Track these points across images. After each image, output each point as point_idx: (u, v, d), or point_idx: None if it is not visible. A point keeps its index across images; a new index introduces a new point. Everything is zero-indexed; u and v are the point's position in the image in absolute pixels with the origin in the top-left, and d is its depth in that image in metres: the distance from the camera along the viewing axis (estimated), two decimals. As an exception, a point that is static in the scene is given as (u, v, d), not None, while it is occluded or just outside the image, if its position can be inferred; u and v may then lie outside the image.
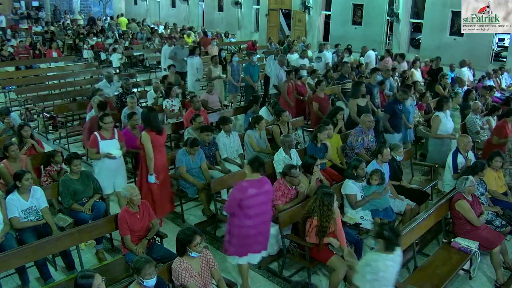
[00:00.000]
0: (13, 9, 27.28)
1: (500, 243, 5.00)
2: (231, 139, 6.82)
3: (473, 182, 5.15)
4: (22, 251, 4.28)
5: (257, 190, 4.38)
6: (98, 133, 5.86)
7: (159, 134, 5.65)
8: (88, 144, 5.87)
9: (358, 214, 5.44)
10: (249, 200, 4.30)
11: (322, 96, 8.76)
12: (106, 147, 5.83)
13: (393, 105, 7.65)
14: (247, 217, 4.34)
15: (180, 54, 11.82)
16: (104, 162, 5.84)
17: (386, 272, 3.64)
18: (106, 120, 5.88)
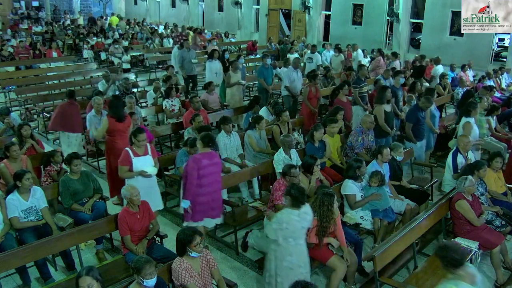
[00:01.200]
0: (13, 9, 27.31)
1: (500, 243, 5.00)
2: (231, 139, 6.82)
3: (473, 182, 5.15)
4: (22, 251, 4.28)
5: (209, 161, 5.13)
6: (131, 149, 5.33)
7: (119, 121, 6.24)
8: (119, 162, 5.31)
9: (358, 214, 5.44)
10: (203, 170, 5.04)
11: (344, 100, 8.34)
12: (140, 164, 5.32)
13: (415, 113, 7.34)
14: (201, 186, 5.07)
15: (187, 56, 11.60)
16: (138, 180, 5.24)
17: (290, 224, 4.16)
18: (140, 137, 5.33)
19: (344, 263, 4.48)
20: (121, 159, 5.33)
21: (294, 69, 9.78)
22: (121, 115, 6.28)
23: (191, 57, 11.69)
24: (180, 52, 11.76)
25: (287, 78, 9.73)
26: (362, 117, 7.11)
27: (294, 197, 4.18)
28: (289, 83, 9.64)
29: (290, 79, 9.66)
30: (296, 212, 4.17)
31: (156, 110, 9.11)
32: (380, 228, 5.39)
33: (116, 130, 6.23)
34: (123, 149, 5.75)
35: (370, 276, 4.93)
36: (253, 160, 6.90)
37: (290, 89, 9.67)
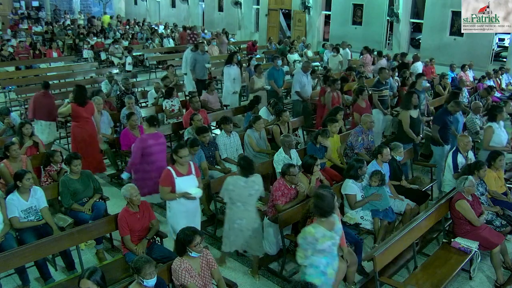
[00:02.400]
0: (13, 9, 27.31)
1: (500, 243, 5.00)
2: (231, 139, 6.82)
3: (473, 182, 5.15)
4: (22, 251, 4.28)
5: (154, 141, 5.78)
6: (173, 168, 4.78)
7: (81, 106, 6.79)
8: (160, 183, 4.84)
9: (358, 214, 5.44)
10: (149, 148, 5.70)
11: (363, 106, 7.95)
12: (184, 185, 4.79)
13: (443, 116, 7.15)
14: (148, 163, 5.72)
15: (200, 60, 11.02)
16: (180, 203, 4.80)
17: (235, 187, 4.72)
18: (181, 153, 4.78)
19: (344, 263, 4.48)
20: (163, 179, 4.79)
21: (304, 73, 9.42)
22: (82, 100, 6.82)
23: (204, 60, 11.14)
24: (193, 55, 11.11)
25: (298, 82, 9.33)
26: (362, 117, 7.09)
27: (242, 167, 4.80)
28: (300, 87, 9.30)
29: (300, 84, 9.30)
30: (243, 179, 4.74)
31: (156, 110, 9.11)
32: (380, 228, 5.39)
33: (79, 116, 6.85)
34: (86, 134, 6.74)
35: (370, 276, 4.94)
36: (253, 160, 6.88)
37: (301, 93, 9.32)
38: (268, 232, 5.20)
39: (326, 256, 3.88)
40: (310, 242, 3.81)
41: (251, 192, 4.77)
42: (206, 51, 11.87)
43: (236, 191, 4.71)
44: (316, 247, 3.81)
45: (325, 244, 3.83)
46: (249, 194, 4.75)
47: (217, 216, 5.82)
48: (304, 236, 3.84)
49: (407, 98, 7.34)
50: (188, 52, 11.69)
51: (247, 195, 4.74)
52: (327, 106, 8.55)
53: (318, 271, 3.85)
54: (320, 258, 3.86)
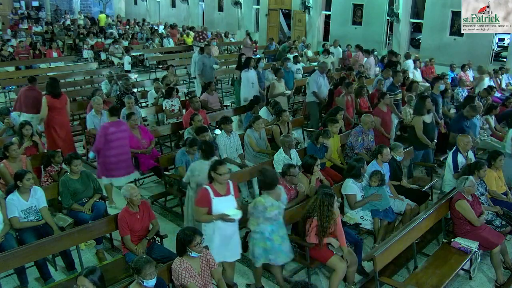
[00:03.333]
0: (13, 9, 27.30)
1: (500, 243, 5.00)
2: (231, 139, 6.82)
3: (473, 182, 5.14)
4: (22, 251, 4.28)
5: (116, 129, 6.22)
6: (210, 187, 4.36)
7: (55, 97, 7.26)
8: (196, 203, 4.44)
9: (358, 214, 5.44)
10: (111, 135, 6.15)
11: (384, 110, 7.68)
12: (221, 206, 4.36)
13: (460, 122, 6.98)
14: (110, 149, 6.16)
15: (207, 63, 10.93)
16: (218, 225, 4.37)
17: (201, 172, 4.93)
18: (221, 170, 4.33)
19: (344, 263, 4.48)
20: (199, 199, 4.40)
21: (321, 74, 9.23)
22: (56, 92, 7.36)
23: (211, 62, 11.05)
24: (200, 58, 11.00)
25: (314, 83, 9.12)
26: (362, 117, 7.09)
27: (203, 151, 5.16)
28: (316, 88, 9.09)
29: (317, 84, 9.08)
30: (206, 162, 4.96)
31: (156, 110, 9.11)
32: (380, 228, 5.39)
33: (53, 107, 7.31)
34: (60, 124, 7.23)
35: (370, 276, 4.94)
36: (253, 160, 6.89)
37: (318, 95, 9.13)
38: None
39: (272, 224, 4.43)
40: (261, 211, 4.34)
41: None
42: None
43: (202, 175, 4.91)
44: (265, 215, 4.34)
45: (273, 212, 4.37)
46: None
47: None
48: (255, 206, 4.37)
49: (420, 103, 7.12)
50: (196, 56, 11.59)
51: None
52: None
53: (264, 237, 4.41)
54: (266, 226, 4.41)
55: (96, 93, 8.18)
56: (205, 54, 11.05)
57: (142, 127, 7.32)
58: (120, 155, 6.22)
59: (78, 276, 3.35)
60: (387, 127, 7.59)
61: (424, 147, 7.03)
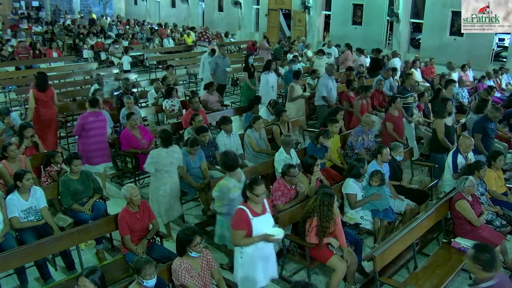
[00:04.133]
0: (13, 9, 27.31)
1: (500, 243, 5.00)
2: (231, 139, 6.81)
3: (473, 182, 5.14)
4: (22, 251, 4.28)
5: (95, 118, 6.65)
6: (247, 207, 4.05)
7: (41, 91, 7.56)
8: (233, 225, 4.07)
9: (358, 214, 5.44)
10: (90, 124, 6.58)
11: (396, 114, 7.51)
12: (260, 225, 4.06)
13: (483, 123, 6.80)
14: (89, 137, 6.58)
15: (221, 64, 10.59)
16: (258, 247, 4.07)
17: (159, 158, 5.41)
18: (258, 191, 4.01)
19: (344, 263, 4.48)
20: (236, 222, 4.04)
21: (329, 76, 9.03)
22: (43, 86, 7.64)
23: (225, 65, 10.71)
24: (214, 59, 10.66)
25: (324, 86, 8.92)
26: (363, 118, 7.09)
27: (162, 139, 5.53)
28: (326, 92, 8.91)
29: (327, 88, 8.88)
30: (164, 150, 5.47)
31: (156, 110, 9.11)
32: (380, 228, 5.39)
33: (39, 100, 7.60)
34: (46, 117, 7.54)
35: (370, 276, 4.94)
36: (253, 160, 6.89)
37: (328, 98, 8.94)
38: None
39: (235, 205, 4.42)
40: (224, 192, 4.59)
41: (172, 160, 5.56)
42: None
43: (160, 161, 5.42)
44: (229, 196, 4.58)
45: (236, 193, 4.53)
46: (170, 162, 5.53)
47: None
48: (219, 188, 4.63)
49: (441, 105, 6.98)
50: (206, 57, 11.29)
51: (169, 163, 5.52)
52: (355, 114, 8.19)
53: (230, 218, 4.39)
54: (232, 206, 4.55)
55: (96, 93, 8.17)
56: (219, 54, 10.74)
57: (142, 127, 7.31)
58: (98, 143, 6.67)
59: (79, 277, 3.34)
60: (399, 132, 7.45)
61: (445, 150, 6.84)
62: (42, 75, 7.89)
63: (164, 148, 5.50)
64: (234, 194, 4.55)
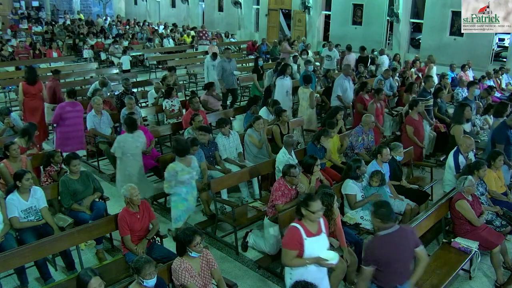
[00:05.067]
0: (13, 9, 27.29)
1: (500, 243, 4.99)
2: (230, 140, 6.79)
3: (472, 182, 5.14)
4: (22, 251, 4.28)
5: (72, 108, 7.35)
6: (301, 226, 3.76)
7: (30, 84, 8.10)
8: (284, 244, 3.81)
9: (358, 214, 5.44)
10: (66, 113, 7.26)
11: (416, 118, 7.39)
12: (313, 247, 3.75)
13: (505, 132, 6.58)
14: (65, 125, 7.23)
15: (227, 67, 10.28)
16: (308, 270, 3.79)
17: (125, 143, 6.04)
18: (314, 207, 3.71)
19: (344, 263, 4.48)
20: (287, 240, 3.78)
21: (345, 77, 8.92)
22: (32, 80, 8.16)
23: (232, 68, 10.42)
24: (220, 63, 10.37)
25: (339, 87, 8.79)
26: (363, 117, 7.08)
27: (127, 125, 6.14)
28: (341, 92, 8.80)
29: (342, 88, 8.78)
30: (130, 135, 6.09)
31: (156, 110, 9.11)
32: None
33: (28, 93, 8.13)
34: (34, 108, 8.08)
35: (370, 276, 4.93)
36: (253, 160, 6.89)
37: (343, 99, 8.83)
38: (268, 232, 5.20)
39: (186, 186, 5.30)
40: (172, 175, 5.16)
41: (137, 145, 6.18)
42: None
43: (126, 146, 6.04)
44: (177, 178, 5.17)
45: (184, 177, 5.18)
46: (136, 146, 6.15)
47: (217, 216, 5.82)
48: (168, 171, 5.18)
49: (459, 111, 6.79)
50: (209, 60, 10.98)
51: (135, 147, 6.13)
52: None
53: (181, 198, 5.29)
54: (181, 188, 5.26)
55: (96, 93, 8.18)
56: (224, 58, 10.48)
57: (142, 127, 7.31)
58: (73, 131, 7.33)
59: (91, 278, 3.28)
60: (419, 136, 7.34)
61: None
62: (32, 69, 8.48)
63: (130, 133, 6.10)
64: (182, 177, 5.19)
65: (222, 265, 5.11)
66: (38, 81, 8.33)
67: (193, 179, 5.37)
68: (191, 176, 5.31)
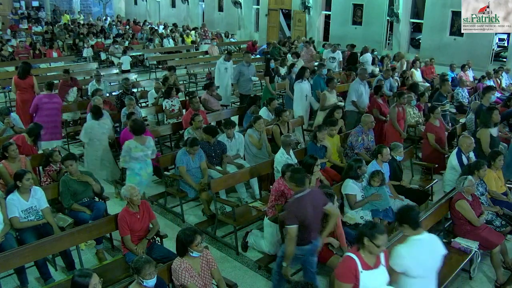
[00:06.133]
0: (13, 9, 27.28)
1: (500, 243, 4.99)
2: (232, 142, 6.75)
3: (472, 182, 5.13)
4: (22, 251, 4.28)
5: (48, 100, 7.83)
6: (358, 257, 3.36)
7: (20, 79, 8.75)
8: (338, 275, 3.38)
9: (358, 214, 5.44)
10: (43, 105, 7.76)
11: (437, 124, 7.15)
12: (370, 281, 3.34)
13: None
14: (42, 116, 7.69)
15: (245, 72, 9.74)
16: None
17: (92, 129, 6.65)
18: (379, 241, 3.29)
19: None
20: (341, 272, 3.38)
21: (361, 81, 8.63)
22: (22, 75, 8.74)
23: (250, 73, 9.86)
24: (238, 67, 9.85)
25: (355, 91, 8.51)
26: (362, 118, 7.08)
27: (93, 113, 6.78)
28: (356, 97, 8.50)
29: (357, 93, 8.48)
30: (96, 122, 6.73)
31: (156, 110, 9.11)
32: (380, 228, 5.37)
33: (19, 86, 8.77)
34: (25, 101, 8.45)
35: (370, 276, 4.92)
36: (253, 161, 6.89)
37: (358, 104, 8.52)
38: (268, 232, 5.20)
39: (140, 163, 5.99)
40: (126, 151, 5.88)
41: (103, 131, 6.79)
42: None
43: (93, 132, 6.67)
44: (131, 154, 5.87)
45: (138, 153, 5.91)
46: (102, 132, 6.76)
47: (217, 216, 5.82)
48: (123, 147, 5.91)
49: (487, 114, 6.65)
50: (221, 62, 10.40)
51: (101, 133, 6.74)
52: (393, 124, 7.59)
53: (134, 173, 6.00)
54: (135, 164, 5.96)
55: (96, 93, 8.17)
56: (243, 62, 9.92)
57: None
58: (49, 122, 7.70)
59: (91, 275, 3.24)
60: (441, 142, 7.18)
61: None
62: (25, 65, 8.97)
63: (96, 120, 6.72)
64: (136, 154, 5.90)
65: (222, 265, 5.11)
66: (29, 76, 8.79)
67: (147, 157, 6.02)
68: (145, 154, 5.98)
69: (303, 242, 4.08)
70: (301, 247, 4.07)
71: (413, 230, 3.55)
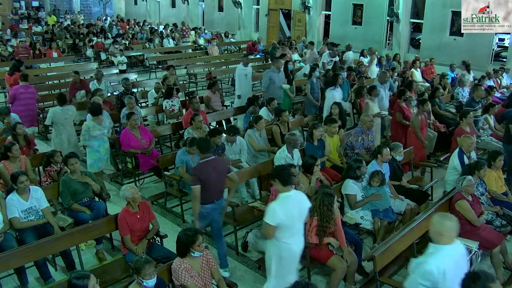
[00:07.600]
0: (13, 9, 27.24)
1: (500, 243, 5.00)
2: (232, 147, 6.66)
3: (471, 182, 5.13)
4: (22, 251, 4.28)
5: (24, 90, 8.32)
6: None
7: (9, 75, 9.67)
8: None
9: (358, 214, 5.44)
10: (20, 95, 8.21)
11: (468, 130, 6.88)
12: None
13: None
14: (19, 105, 8.15)
15: (276, 79, 9.15)
16: None
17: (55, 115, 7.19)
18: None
19: (344, 263, 4.49)
20: None
21: (381, 85, 8.42)
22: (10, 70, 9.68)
23: (281, 81, 9.28)
24: (268, 73, 9.26)
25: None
26: (362, 117, 7.08)
27: (58, 99, 7.36)
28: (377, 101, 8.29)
29: (378, 97, 8.29)
30: (60, 108, 7.25)
31: (156, 110, 9.11)
32: (380, 228, 5.39)
33: (8, 81, 9.55)
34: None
35: (370, 276, 4.93)
36: (253, 160, 6.89)
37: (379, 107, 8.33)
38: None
39: (98, 141, 6.66)
40: (86, 130, 6.57)
41: (66, 117, 7.30)
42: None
43: (56, 117, 7.19)
44: (90, 133, 6.56)
45: (95, 132, 6.59)
46: (65, 118, 7.26)
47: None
48: (83, 127, 6.64)
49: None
50: (241, 68, 9.87)
51: (64, 118, 7.25)
52: (415, 132, 7.24)
53: (93, 150, 6.66)
54: (94, 141, 6.64)
55: (96, 93, 8.18)
56: (273, 68, 9.24)
57: (142, 127, 7.32)
58: (25, 111, 8.17)
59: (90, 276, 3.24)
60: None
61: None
62: (16, 62, 9.85)
63: (60, 106, 7.26)
64: (94, 133, 6.59)
65: (222, 265, 5.11)
66: (16, 73, 9.46)
67: (104, 136, 6.75)
68: (102, 133, 6.71)
69: (206, 201, 4.72)
70: (204, 205, 4.71)
71: (283, 187, 4.04)
